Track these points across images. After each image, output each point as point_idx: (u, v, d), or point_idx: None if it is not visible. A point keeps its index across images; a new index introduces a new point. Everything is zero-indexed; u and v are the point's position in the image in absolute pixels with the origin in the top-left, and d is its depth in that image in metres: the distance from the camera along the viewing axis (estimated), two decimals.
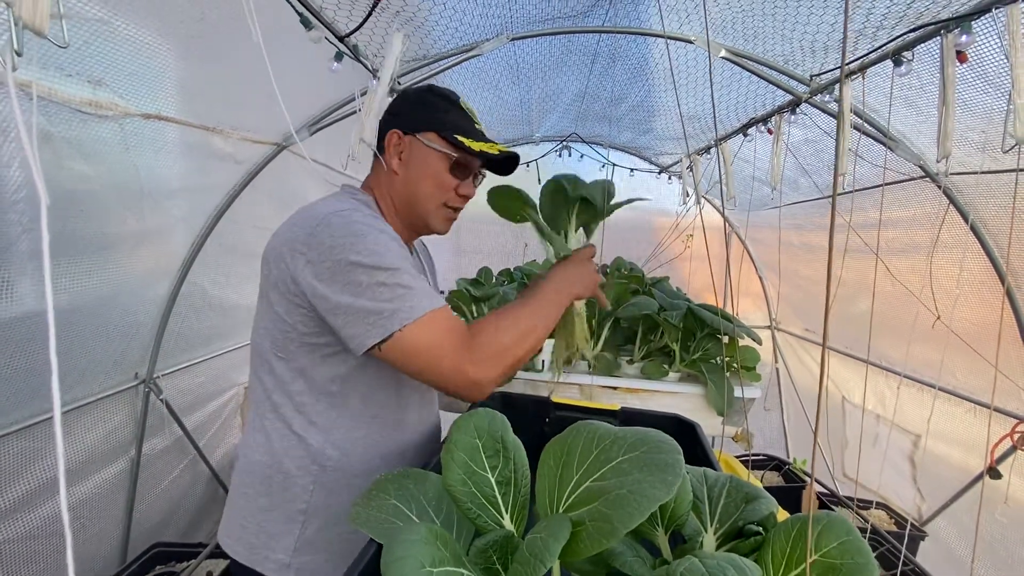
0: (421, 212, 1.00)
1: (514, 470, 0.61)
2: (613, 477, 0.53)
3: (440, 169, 0.97)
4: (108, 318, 1.71)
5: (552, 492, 0.58)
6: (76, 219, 1.42)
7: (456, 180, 0.99)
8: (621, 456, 0.55)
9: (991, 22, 1.28)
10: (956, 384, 2.08)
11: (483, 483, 0.61)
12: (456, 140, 0.94)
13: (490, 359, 0.84)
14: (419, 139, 0.97)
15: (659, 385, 1.91)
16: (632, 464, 0.53)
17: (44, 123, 1.15)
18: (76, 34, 1.06)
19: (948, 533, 2.21)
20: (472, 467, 0.60)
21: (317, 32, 1.30)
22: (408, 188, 0.99)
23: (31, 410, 1.51)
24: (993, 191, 1.71)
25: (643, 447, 0.55)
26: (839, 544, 0.62)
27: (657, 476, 0.51)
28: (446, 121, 0.97)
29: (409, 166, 0.99)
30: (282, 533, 0.92)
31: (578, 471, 0.56)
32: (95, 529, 1.90)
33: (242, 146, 1.92)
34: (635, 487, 0.51)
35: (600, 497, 0.52)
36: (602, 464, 0.55)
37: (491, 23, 1.89)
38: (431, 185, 0.98)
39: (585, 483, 0.55)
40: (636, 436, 0.57)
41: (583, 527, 0.52)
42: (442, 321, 0.83)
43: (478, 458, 0.61)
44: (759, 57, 1.89)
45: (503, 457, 0.61)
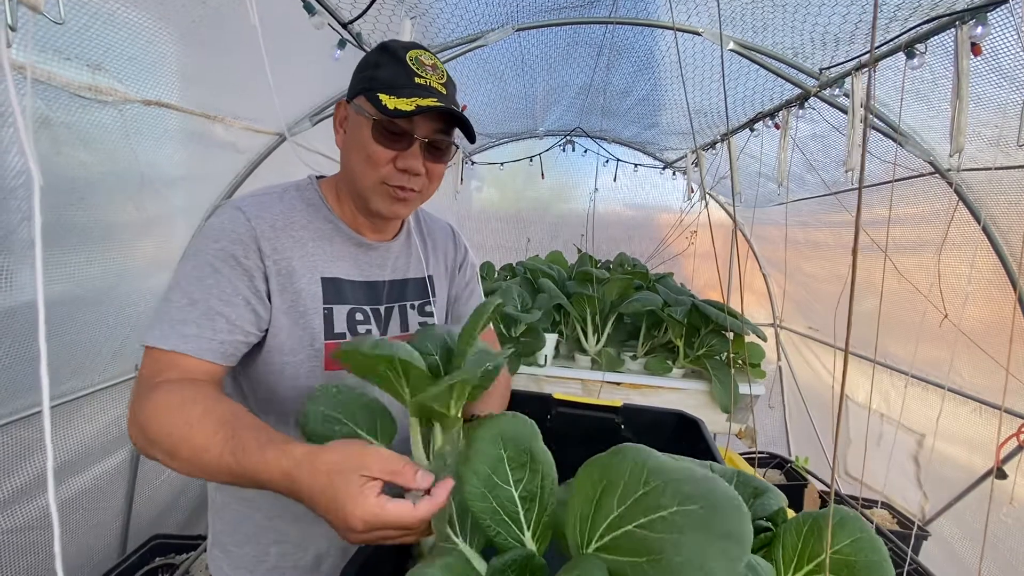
0: (359, 191, 0.84)
1: (541, 485, 0.56)
2: (662, 531, 0.44)
3: (367, 137, 0.79)
4: (108, 308, 1.70)
5: (585, 522, 0.51)
6: (75, 207, 1.40)
7: (389, 151, 0.80)
8: (675, 507, 0.45)
9: (1007, 14, 1.26)
10: (962, 383, 2.06)
11: (506, 498, 0.56)
12: (378, 100, 0.76)
13: (145, 435, 0.67)
14: (353, 106, 0.83)
15: (663, 381, 1.90)
16: (687, 521, 0.44)
17: (43, 107, 1.13)
18: (75, 16, 1.04)
19: (951, 533, 2.19)
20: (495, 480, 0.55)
21: (320, 18, 1.28)
22: (345, 164, 0.87)
23: (31, 399, 1.50)
24: (1004, 188, 1.69)
25: (702, 502, 0.44)
26: (852, 541, 0.61)
27: (717, 546, 0.42)
28: (375, 78, 0.80)
29: (347, 138, 0.85)
30: None
31: (619, 506, 0.49)
32: (95, 520, 1.89)
33: (244, 135, 1.90)
34: (690, 554, 0.42)
35: (645, 552, 0.44)
36: (649, 509, 0.46)
37: (497, 13, 1.87)
38: (361, 159, 0.81)
39: (626, 526, 0.47)
40: (696, 485, 0.46)
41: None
42: (149, 357, 0.74)
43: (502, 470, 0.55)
44: (768, 50, 1.86)
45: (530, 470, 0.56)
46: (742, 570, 0.42)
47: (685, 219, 3.58)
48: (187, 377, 0.73)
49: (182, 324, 0.73)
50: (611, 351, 2.01)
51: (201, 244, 0.78)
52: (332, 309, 0.86)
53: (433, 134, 0.82)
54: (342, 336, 0.86)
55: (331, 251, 0.88)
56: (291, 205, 0.87)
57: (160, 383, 0.70)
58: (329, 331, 0.85)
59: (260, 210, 0.82)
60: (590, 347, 2.03)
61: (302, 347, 0.83)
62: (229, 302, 0.76)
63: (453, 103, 0.84)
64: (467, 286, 1.11)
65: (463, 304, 1.10)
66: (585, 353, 2.04)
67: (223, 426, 0.64)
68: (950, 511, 2.19)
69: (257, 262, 0.79)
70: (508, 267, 2.83)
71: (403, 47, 0.83)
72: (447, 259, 1.07)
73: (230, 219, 0.79)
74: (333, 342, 0.85)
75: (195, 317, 0.74)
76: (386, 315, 0.93)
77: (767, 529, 0.67)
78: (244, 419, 0.66)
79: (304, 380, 0.84)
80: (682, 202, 3.61)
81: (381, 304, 0.93)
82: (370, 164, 0.81)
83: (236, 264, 0.77)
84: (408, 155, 0.81)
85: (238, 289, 0.77)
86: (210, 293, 0.75)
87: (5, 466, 1.47)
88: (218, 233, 0.78)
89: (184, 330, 0.73)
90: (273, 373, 0.83)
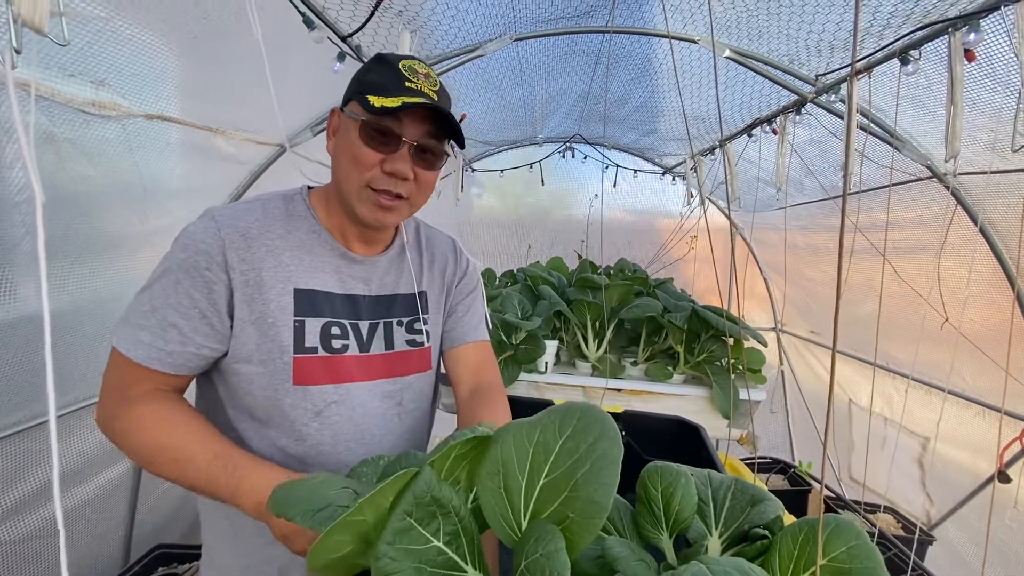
0: (345, 196, 0.83)
1: (458, 519, 0.52)
2: (566, 460, 0.51)
3: (355, 139, 0.79)
4: (111, 319, 1.71)
5: (506, 512, 0.54)
6: (79, 220, 1.42)
7: (376, 153, 0.79)
8: (561, 438, 0.53)
9: (1000, 20, 1.27)
10: (965, 387, 2.06)
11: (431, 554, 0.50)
12: (367, 101, 0.76)
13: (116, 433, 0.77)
14: (344, 112, 0.82)
15: (663, 387, 1.90)
16: (575, 440, 0.52)
17: (47, 123, 1.15)
18: (78, 34, 1.06)
19: (957, 537, 2.18)
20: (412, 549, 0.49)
21: (319, 32, 1.30)
22: (334, 170, 0.86)
23: (35, 410, 1.51)
24: (1002, 191, 1.69)
25: (573, 419, 0.54)
26: (848, 548, 0.61)
27: (604, 438, 0.51)
28: (365, 81, 0.81)
29: (337, 143, 0.84)
30: None
31: (524, 475, 0.53)
32: (98, 530, 1.90)
33: (245, 147, 1.92)
34: (595, 457, 0.50)
35: (567, 485, 0.50)
36: (546, 456, 0.53)
37: (494, 24, 1.89)
38: (348, 160, 0.81)
39: (539, 482, 0.52)
40: (559, 415, 0.55)
41: (568, 521, 0.50)
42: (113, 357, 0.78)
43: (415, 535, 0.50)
44: (764, 57, 1.88)
45: (441, 516, 0.51)
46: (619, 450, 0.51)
47: (685, 224, 3.59)
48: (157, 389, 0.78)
49: (139, 330, 0.76)
50: (612, 357, 2.01)
51: (172, 250, 0.79)
52: (304, 322, 0.83)
53: (422, 137, 0.80)
54: (313, 350, 0.84)
55: (310, 262, 0.85)
56: (271, 215, 0.85)
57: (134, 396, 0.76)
58: (299, 344, 0.83)
59: (234, 219, 0.81)
60: (591, 353, 2.03)
61: (271, 359, 0.81)
62: (185, 314, 0.77)
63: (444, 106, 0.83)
64: (463, 300, 1.06)
65: (458, 319, 1.05)
66: (586, 359, 2.04)
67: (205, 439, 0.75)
68: (955, 515, 2.18)
69: (220, 274, 0.78)
70: (509, 274, 2.84)
71: (398, 57, 0.83)
72: (445, 274, 1.03)
73: (202, 228, 0.80)
74: (303, 356, 0.83)
75: (151, 325, 0.76)
76: (369, 331, 0.90)
77: (764, 537, 0.67)
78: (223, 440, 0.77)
79: (274, 392, 0.82)
80: (682, 207, 3.62)
81: (362, 319, 0.90)
82: (356, 166, 0.79)
83: (198, 275, 0.77)
84: (396, 158, 0.79)
85: (195, 301, 0.77)
86: (168, 303, 0.77)
87: (10, 476, 1.48)
88: (187, 242, 0.79)
89: (140, 336, 0.76)
90: (243, 383, 0.82)
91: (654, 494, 0.71)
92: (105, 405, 0.78)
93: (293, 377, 0.82)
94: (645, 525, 0.71)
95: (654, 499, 0.71)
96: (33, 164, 0.48)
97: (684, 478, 0.72)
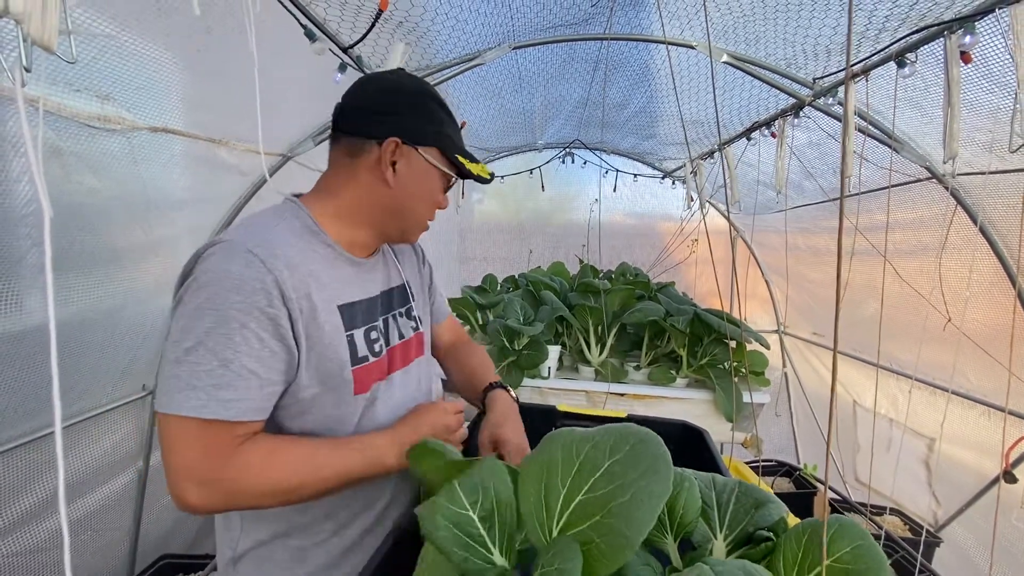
0: (405, 225, 0.95)
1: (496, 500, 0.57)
2: (607, 484, 0.51)
3: (437, 188, 0.94)
4: (116, 330, 1.72)
5: (541, 516, 0.54)
6: (84, 232, 1.43)
7: (444, 196, 0.98)
8: (609, 460, 0.52)
9: (995, 22, 1.28)
10: (969, 387, 2.06)
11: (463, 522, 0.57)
12: (458, 162, 0.92)
13: (227, 494, 0.73)
14: (420, 153, 0.89)
15: (667, 391, 1.90)
16: (623, 466, 0.51)
17: (53, 137, 1.16)
18: (84, 50, 1.08)
19: (964, 539, 2.17)
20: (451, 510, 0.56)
21: (321, 44, 1.32)
22: (398, 201, 0.91)
23: (41, 422, 1.52)
24: (1001, 191, 1.70)
25: (626, 445, 0.53)
26: (852, 549, 0.61)
27: (652, 472, 0.49)
28: (446, 135, 0.92)
29: (405, 179, 0.89)
30: None
31: (564, 486, 0.53)
32: (103, 541, 1.90)
33: (248, 157, 1.93)
34: (636, 490, 0.48)
35: (601, 509, 0.49)
36: (590, 473, 0.52)
37: (493, 32, 1.91)
38: (426, 203, 0.94)
39: (577, 497, 0.52)
40: (614, 435, 0.55)
41: (592, 545, 0.49)
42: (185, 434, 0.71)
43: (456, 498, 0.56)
44: (761, 61, 1.89)
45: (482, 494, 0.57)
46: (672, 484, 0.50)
47: (686, 227, 3.60)
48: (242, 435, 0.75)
49: (217, 389, 0.70)
50: (614, 362, 2.01)
51: (219, 296, 0.72)
52: (353, 335, 0.87)
53: None
54: (364, 359, 0.88)
55: (337, 275, 0.87)
56: (296, 234, 0.84)
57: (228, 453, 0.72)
58: (354, 357, 0.86)
59: (270, 248, 0.77)
60: (593, 358, 2.04)
61: (331, 378, 0.83)
62: (259, 358, 0.73)
63: None
64: (432, 283, 1.21)
65: (434, 301, 1.21)
66: (588, 364, 2.04)
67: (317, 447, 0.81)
68: (962, 516, 2.17)
69: (281, 308, 0.75)
70: (511, 279, 2.85)
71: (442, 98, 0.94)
72: (415, 263, 1.15)
73: (246, 265, 0.74)
74: (359, 367, 0.87)
75: (230, 380, 0.71)
76: (385, 327, 0.96)
77: (768, 539, 0.67)
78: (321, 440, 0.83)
79: (332, 409, 0.85)
80: (682, 211, 3.63)
81: (380, 317, 0.96)
82: (431, 207, 0.95)
83: (261, 315, 0.73)
84: (444, 199, 0.98)
85: (265, 342, 0.74)
86: (239, 352, 0.71)
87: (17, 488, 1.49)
88: (238, 283, 0.73)
89: (221, 395, 0.70)
90: (305, 405, 0.82)
91: None
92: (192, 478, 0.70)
93: (354, 388, 0.86)
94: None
95: None
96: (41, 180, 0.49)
97: (688, 482, 0.73)
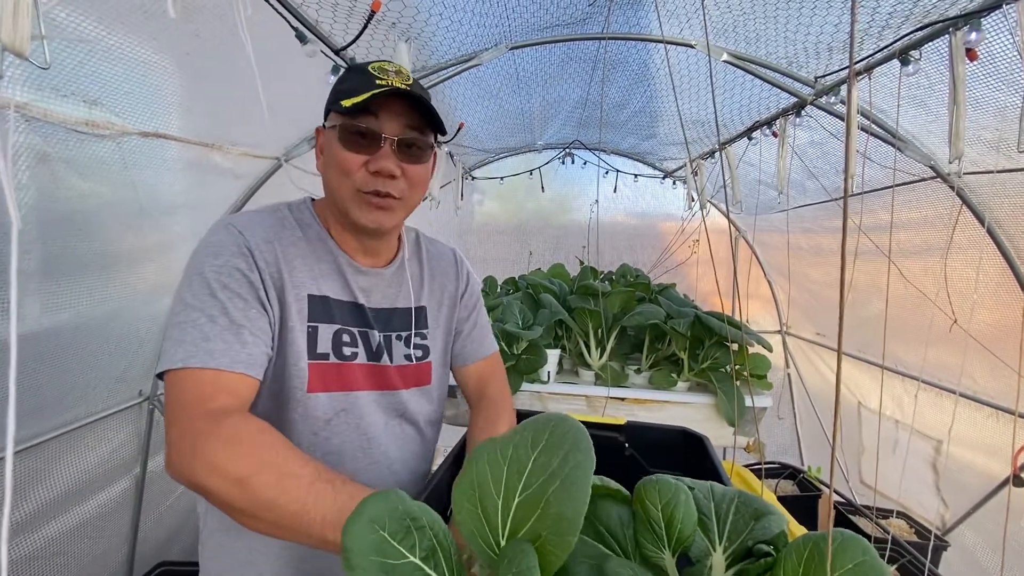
0: (341, 206, 0.84)
1: (434, 535, 0.53)
2: (538, 478, 0.51)
3: (336, 148, 0.80)
4: (110, 336, 1.71)
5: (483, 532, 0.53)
6: (76, 238, 1.42)
7: (358, 156, 0.79)
8: (534, 455, 0.52)
9: (1001, 18, 1.25)
10: (976, 388, 2.02)
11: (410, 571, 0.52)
12: (339, 106, 0.77)
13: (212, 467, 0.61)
14: (325, 127, 0.84)
15: (668, 395, 1.88)
16: (547, 455, 0.51)
17: (40, 143, 1.15)
18: (69, 55, 1.06)
19: (973, 542, 2.14)
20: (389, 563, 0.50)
21: (312, 46, 1.30)
22: (325, 184, 0.86)
23: (35, 429, 1.51)
24: (1008, 191, 1.66)
25: (545, 433, 0.53)
26: (855, 565, 0.59)
27: (575, 450, 0.50)
28: (338, 91, 0.81)
29: (324, 159, 0.85)
30: None
31: (500, 495, 0.53)
32: (100, 548, 1.89)
33: (241, 161, 1.92)
34: (566, 472, 0.49)
35: (540, 503, 0.50)
36: (519, 473, 0.52)
37: (489, 32, 1.88)
38: (335, 170, 0.81)
39: (515, 500, 0.52)
40: (532, 429, 0.55)
41: (542, 540, 0.49)
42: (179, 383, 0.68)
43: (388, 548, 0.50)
44: (762, 60, 1.86)
45: (416, 531, 0.52)
46: None
47: (687, 228, 3.57)
48: (236, 404, 0.70)
49: (206, 341, 0.70)
50: (615, 365, 1.99)
51: (202, 263, 0.76)
52: (317, 327, 0.84)
53: (402, 131, 0.80)
54: (325, 356, 0.84)
55: (320, 269, 0.86)
56: (281, 222, 0.86)
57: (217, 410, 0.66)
58: (312, 350, 0.83)
59: (250, 225, 0.81)
60: (593, 362, 2.01)
61: (287, 364, 0.81)
62: (246, 314, 0.75)
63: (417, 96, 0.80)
64: (469, 317, 1.08)
65: (465, 338, 1.07)
66: (588, 368, 2.02)
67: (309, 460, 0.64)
68: (970, 520, 2.14)
69: (255, 274, 0.78)
70: (510, 281, 2.82)
71: (368, 62, 0.83)
72: (445, 290, 1.04)
73: (225, 234, 0.79)
74: (316, 362, 0.83)
75: (218, 332, 0.71)
76: (376, 342, 0.91)
77: (768, 554, 0.65)
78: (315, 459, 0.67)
79: (287, 400, 0.82)
80: (683, 211, 3.60)
81: (370, 328, 0.91)
82: (343, 173, 0.80)
83: (242, 277, 0.76)
84: (379, 156, 0.79)
85: (249, 303, 0.76)
86: (226, 307, 0.73)
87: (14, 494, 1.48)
88: (217, 249, 0.77)
89: (211, 346, 0.70)
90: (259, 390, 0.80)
91: (654, 512, 0.69)
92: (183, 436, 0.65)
93: (308, 384, 0.82)
94: (646, 544, 0.70)
95: (654, 517, 0.69)
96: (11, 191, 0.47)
97: (684, 494, 0.70)
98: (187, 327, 0.71)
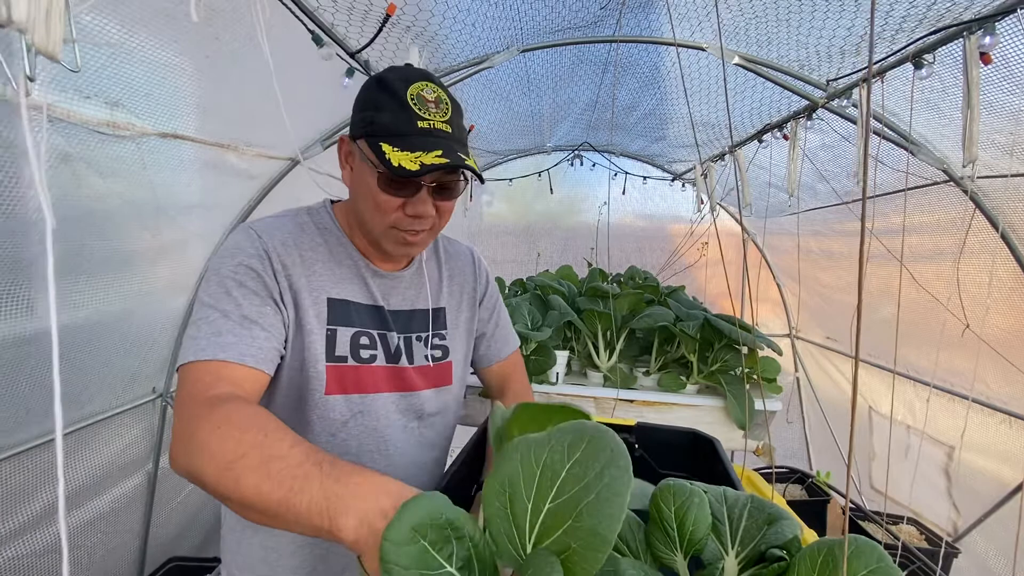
0: (370, 235, 0.85)
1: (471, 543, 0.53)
2: (571, 488, 0.49)
3: (374, 186, 0.77)
4: (126, 333, 1.74)
5: (511, 534, 0.52)
6: (94, 236, 1.44)
7: (397, 199, 0.78)
8: (568, 464, 0.50)
9: (1016, 22, 1.24)
10: (989, 394, 2.01)
11: None
12: (382, 153, 0.74)
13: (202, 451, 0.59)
14: (357, 146, 0.80)
15: (677, 398, 1.87)
16: (583, 466, 0.49)
17: (63, 144, 1.17)
18: (93, 57, 1.08)
19: (984, 549, 2.11)
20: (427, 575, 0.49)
21: (328, 49, 1.31)
22: (355, 205, 0.85)
23: (50, 425, 1.53)
24: (1022, 195, 1.65)
25: (582, 443, 0.51)
26: (869, 572, 0.59)
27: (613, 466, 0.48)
28: (376, 123, 0.77)
29: (354, 179, 0.84)
30: None
31: (530, 499, 0.51)
32: (112, 543, 1.91)
33: (256, 161, 1.94)
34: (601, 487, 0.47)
35: (572, 513, 0.49)
36: (552, 481, 0.51)
37: (501, 35, 1.90)
38: (371, 206, 0.80)
39: (544, 507, 0.51)
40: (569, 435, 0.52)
41: (570, 552, 0.48)
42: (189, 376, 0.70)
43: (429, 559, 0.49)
44: (773, 63, 1.86)
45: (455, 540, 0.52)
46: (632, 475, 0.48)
47: (696, 230, 3.56)
48: (238, 392, 0.68)
49: (218, 335, 0.72)
50: (623, 367, 1.99)
51: (220, 263, 0.79)
52: (336, 330, 0.85)
53: (441, 178, 0.81)
54: (343, 359, 0.86)
55: (340, 273, 0.88)
56: (302, 227, 0.88)
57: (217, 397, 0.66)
58: (330, 353, 0.84)
59: (269, 229, 0.84)
60: (602, 364, 2.01)
61: (305, 367, 0.83)
62: (260, 311, 0.77)
63: (458, 141, 0.80)
64: (491, 319, 1.09)
65: (489, 339, 1.08)
66: (597, 370, 2.02)
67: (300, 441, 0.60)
68: (982, 527, 2.11)
69: (271, 277, 0.80)
70: (519, 282, 2.83)
71: (403, 80, 0.78)
72: (465, 290, 1.04)
73: (244, 237, 0.82)
74: (334, 364, 0.85)
75: (231, 327, 0.73)
76: (395, 344, 0.92)
77: (781, 559, 0.65)
78: None
79: (304, 402, 0.84)
80: (692, 213, 3.59)
81: (389, 331, 0.91)
82: (379, 212, 0.79)
83: (257, 276, 0.78)
84: (417, 201, 0.79)
85: (264, 300, 0.78)
86: (240, 304, 0.76)
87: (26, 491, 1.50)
88: (234, 251, 0.80)
89: (222, 340, 0.72)
90: (276, 391, 0.83)
91: (667, 514, 0.69)
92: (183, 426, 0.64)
93: (325, 387, 0.84)
94: (658, 545, 0.70)
95: (667, 519, 0.69)
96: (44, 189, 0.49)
97: (698, 497, 0.71)
98: (202, 324, 0.74)
